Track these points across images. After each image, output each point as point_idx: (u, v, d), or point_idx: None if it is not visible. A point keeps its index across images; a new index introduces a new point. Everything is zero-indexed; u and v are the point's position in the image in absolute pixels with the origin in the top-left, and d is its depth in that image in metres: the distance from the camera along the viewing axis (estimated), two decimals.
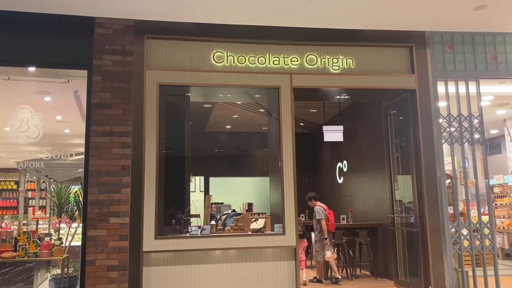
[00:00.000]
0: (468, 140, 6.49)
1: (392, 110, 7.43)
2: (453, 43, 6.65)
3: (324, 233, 7.67)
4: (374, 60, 6.59)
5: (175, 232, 6.21)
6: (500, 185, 10.57)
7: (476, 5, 5.74)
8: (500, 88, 8.00)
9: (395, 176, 7.35)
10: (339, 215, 8.76)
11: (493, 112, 10.40)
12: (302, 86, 6.37)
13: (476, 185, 6.60)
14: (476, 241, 6.31)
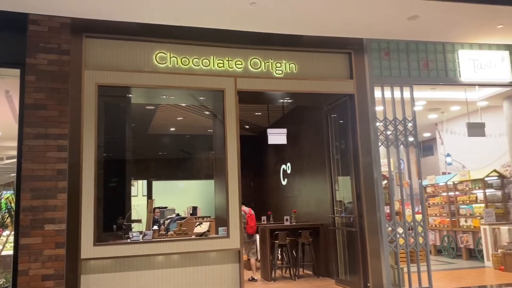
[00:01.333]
0: (403, 142, 6.85)
1: (332, 113, 7.67)
2: (389, 51, 6.99)
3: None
4: (315, 65, 6.78)
5: (116, 238, 6.01)
6: (432, 185, 11.23)
7: (409, 15, 6.07)
8: (431, 94, 8.51)
9: (336, 178, 7.59)
10: (283, 216, 8.89)
11: (425, 117, 11.03)
12: (247, 89, 6.42)
13: (410, 185, 6.96)
14: (410, 239, 6.65)
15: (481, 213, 9.24)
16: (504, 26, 6.62)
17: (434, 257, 10.33)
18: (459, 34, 6.90)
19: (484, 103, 8.94)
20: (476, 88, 8.09)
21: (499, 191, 9.63)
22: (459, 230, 9.89)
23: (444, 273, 8.17)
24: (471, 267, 8.62)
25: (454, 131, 11.34)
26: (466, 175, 10.00)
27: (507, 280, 7.11)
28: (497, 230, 8.57)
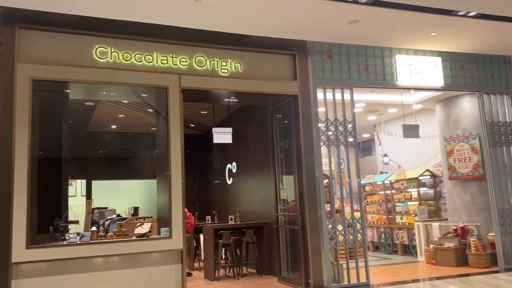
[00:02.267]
0: (343, 143, 7.08)
1: (277, 114, 7.78)
2: (331, 54, 7.20)
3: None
4: (260, 66, 6.84)
5: (52, 240, 5.71)
6: (370, 184, 11.71)
7: (350, 20, 6.29)
8: (371, 96, 8.87)
9: (280, 177, 7.71)
10: (227, 216, 8.89)
11: (365, 118, 11.48)
12: (191, 87, 6.35)
13: (350, 184, 7.21)
14: (349, 236, 6.89)
15: (415, 211, 9.76)
16: (437, 33, 7.04)
17: (372, 253, 10.77)
18: (397, 40, 7.25)
19: (418, 106, 9.45)
20: (412, 92, 8.55)
21: (432, 189, 10.22)
22: (395, 227, 10.38)
23: (381, 268, 8.54)
24: (405, 262, 9.08)
25: (391, 132, 11.89)
26: (402, 175, 10.52)
27: (438, 273, 7.57)
28: (429, 227, 9.10)
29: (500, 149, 8.02)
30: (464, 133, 8.50)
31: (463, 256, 8.11)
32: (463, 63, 8.04)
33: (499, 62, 8.28)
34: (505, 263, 7.63)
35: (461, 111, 8.63)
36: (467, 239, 8.15)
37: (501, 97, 8.19)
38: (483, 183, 8.18)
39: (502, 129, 8.07)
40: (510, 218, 7.80)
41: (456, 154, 8.54)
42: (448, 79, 7.86)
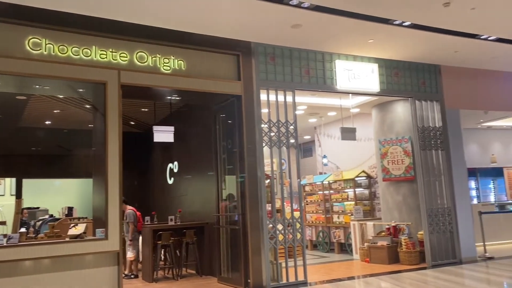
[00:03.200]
0: (285, 144, 7.20)
1: (221, 113, 7.76)
2: (274, 56, 7.30)
3: (130, 235, 8.29)
4: (204, 64, 6.79)
5: None
6: (310, 184, 12.01)
7: (293, 23, 6.42)
8: (312, 99, 9.09)
9: (223, 177, 7.69)
10: (167, 216, 8.73)
11: (306, 120, 11.75)
12: (131, 84, 6.17)
13: (290, 184, 7.35)
14: (289, 235, 7.02)
15: (351, 210, 10.14)
16: (374, 41, 7.36)
17: (310, 251, 11.05)
18: (337, 45, 7.49)
19: (356, 110, 9.83)
20: (350, 96, 8.87)
21: (367, 190, 10.67)
22: (333, 226, 10.72)
23: (318, 266, 8.78)
24: (342, 260, 9.40)
25: (331, 134, 12.27)
26: (340, 175, 10.89)
27: (371, 271, 7.91)
28: (364, 226, 9.49)
29: (429, 152, 8.53)
30: (398, 137, 8.96)
31: (395, 254, 8.54)
32: (398, 70, 8.47)
33: (430, 70, 8.82)
34: (432, 260, 8.12)
35: (395, 116, 9.09)
36: (399, 237, 8.59)
37: (431, 104, 8.71)
38: (414, 184, 8.66)
39: (431, 133, 8.59)
40: (437, 218, 8.32)
41: (389, 157, 8.98)
42: (383, 85, 8.25)
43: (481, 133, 12.26)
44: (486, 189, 14.08)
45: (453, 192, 8.54)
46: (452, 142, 8.74)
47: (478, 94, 9.29)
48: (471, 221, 8.78)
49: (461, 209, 8.59)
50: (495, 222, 10.44)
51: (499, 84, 9.57)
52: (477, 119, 10.66)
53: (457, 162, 8.76)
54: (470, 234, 8.68)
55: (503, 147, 12.65)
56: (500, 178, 13.30)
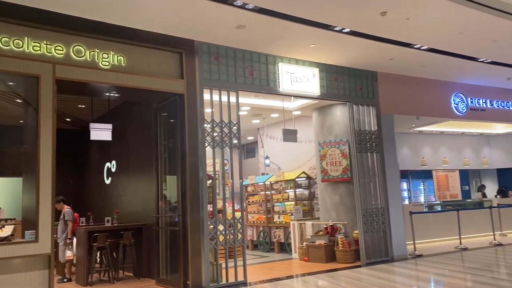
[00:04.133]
0: (228, 144, 7.20)
1: (162, 112, 7.61)
2: (218, 56, 7.28)
3: (69, 234, 7.94)
4: (146, 61, 6.62)
5: None
6: (252, 184, 12.10)
7: (237, 24, 6.44)
8: (255, 101, 9.18)
9: (164, 177, 7.54)
10: (104, 217, 8.41)
11: (250, 121, 11.84)
12: (67, 78, 5.89)
13: (232, 185, 7.36)
14: (230, 236, 7.02)
15: (291, 210, 10.34)
16: (316, 46, 7.57)
17: (251, 251, 11.13)
18: (280, 48, 7.62)
19: (298, 112, 10.05)
20: (292, 99, 9.05)
21: (307, 190, 10.93)
22: (273, 225, 10.87)
23: (258, 266, 8.86)
24: (281, 259, 9.55)
25: (273, 136, 12.45)
26: (281, 176, 11.07)
27: (309, 269, 8.10)
28: (303, 225, 9.71)
29: (365, 155, 8.89)
30: (336, 139, 9.26)
31: (331, 253, 8.82)
32: (337, 75, 8.77)
33: (367, 76, 9.21)
34: (366, 258, 8.48)
35: (334, 119, 9.40)
36: (336, 236, 8.88)
37: (367, 108, 9.10)
38: (350, 185, 9.00)
39: (367, 137, 8.97)
40: (372, 217, 8.70)
41: (328, 158, 9.26)
42: (324, 89, 8.50)
43: (412, 137, 12.99)
44: (416, 190, 14.96)
45: (387, 193, 8.97)
46: (386, 145, 9.19)
47: (411, 100, 9.84)
48: (402, 221, 9.29)
49: (394, 209, 9.06)
50: (424, 222, 11.11)
51: (430, 92, 10.20)
52: (409, 124, 11.28)
53: (391, 164, 9.22)
54: (401, 233, 9.17)
55: (433, 151, 13.49)
56: (429, 180, 14.15)
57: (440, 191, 13.30)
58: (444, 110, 10.37)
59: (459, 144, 13.79)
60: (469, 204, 13.23)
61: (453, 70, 9.61)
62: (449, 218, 10.94)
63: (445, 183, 13.45)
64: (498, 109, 11.26)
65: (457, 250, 9.80)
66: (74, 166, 12.12)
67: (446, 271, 7.65)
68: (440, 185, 13.36)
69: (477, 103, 10.91)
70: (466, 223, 11.04)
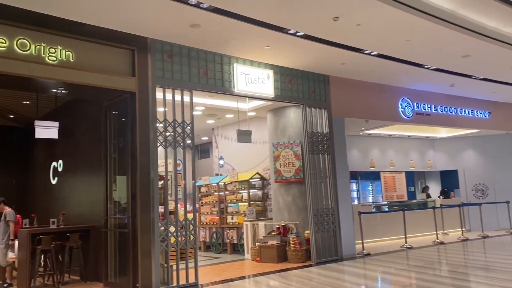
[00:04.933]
0: (180, 144, 7.10)
1: (113, 110, 7.39)
2: (172, 54, 7.16)
3: (11, 235, 7.62)
4: (96, 57, 6.41)
5: None
6: (206, 185, 12.02)
7: (191, 23, 6.37)
8: (210, 101, 9.11)
9: (114, 177, 7.32)
10: (49, 219, 8.04)
11: (204, 121, 11.75)
12: (10, 73, 5.60)
13: (185, 185, 7.27)
14: (182, 237, 6.93)
15: (245, 211, 10.36)
16: (271, 48, 7.64)
17: (204, 253, 11.05)
18: (235, 49, 7.62)
19: (252, 113, 10.09)
20: (247, 100, 9.07)
21: (260, 191, 10.99)
22: (226, 226, 10.85)
23: (210, 267, 8.80)
24: (234, 260, 9.55)
25: (228, 136, 12.43)
26: (235, 177, 11.07)
27: (261, 269, 8.15)
28: (256, 226, 9.75)
29: (317, 156, 9.07)
30: (289, 141, 9.39)
31: (283, 253, 8.92)
32: (291, 77, 8.89)
33: (320, 79, 9.40)
34: (317, 257, 8.64)
35: (288, 121, 9.52)
36: (288, 236, 8.99)
37: (320, 111, 9.29)
38: (302, 186, 9.14)
39: (319, 139, 9.15)
40: (322, 218, 8.88)
41: (282, 159, 9.37)
42: (278, 91, 8.59)
43: (362, 140, 13.40)
44: (365, 191, 15.45)
45: (337, 194, 9.20)
46: (337, 147, 9.42)
47: (361, 104, 10.15)
48: (351, 221, 9.56)
49: (343, 209, 9.30)
50: (372, 222, 11.49)
51: (379, 96, 10.57)
52: (359, 127, 11.62)
53: (341, 165, 9.46)
54: (350, 233, 9.43)
55: (381, 153, 13.97)
56: (377, 181, 14.64)
57: (387, 192, 13.81)
58: (392, 114, 10.78)
59: (405, 147, 14.37)
60: (414, 205, 13.82)
61: (401, 75, 10.01)
62: (396, 218, 11.40)
63: (392, 184, 13.97)
64: (442, 114, 11.85)
65: (403, 249, 10.21)
66: (18, 165, 11.52)
67: (392, 269, 7.95)
68: (388, 186, 13.87)
69: (423, 108, 11.43)
70: (411, 222, 11.55)
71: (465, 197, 14.03)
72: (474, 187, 14.10)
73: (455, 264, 8.32)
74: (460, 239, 11.57)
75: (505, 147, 14.04)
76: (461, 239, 11.52)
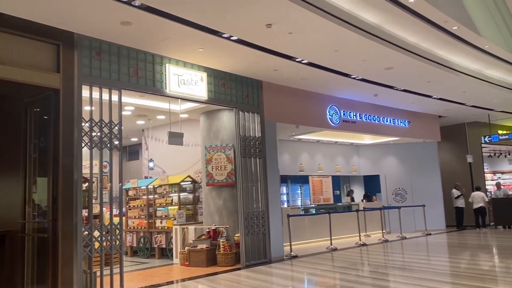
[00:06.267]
0: (107, 145, 6.82)
1: (34, 107, 6.91)
2: (101, 51, 6.88)
3: None
4: (16, 50, 5.97)
5: None
6: (134, 188, 11.65)
7: (122, 20, 6.17)
8: (140, 101, 8.85)
9: (34, 179, 6.85)
10: None
11: (134, 122, 11.40)
12: None
13: (111, 188, 6.99)
14: (107, 242, 6.65)
15: (174, 215, 10.18)
16: (204, 50, 7.60)
17: (130, 258, 10.69)
18: (167, 49, 7.49)
19: (185, 115, 9.97)
20: (179, 101, 8.94)
21: (191, 194, 10.87)
22: (155, 231, 10.59)
23: (137, 273, 8.54)
24: (162, 265, 9.34)
25: (159, 138, 12.16)
26: (165, 180, 10.84)
27: (190, 274, 8.05)
28: (186, 230, 9.63)
29: (249, 160, 9.17)
30: (222, 144, 9.39)
31: (213, 256, 8.88)
32: (225, 81, 8.91)
33: (253, 84, 9.52)
34: (246, 260, 8.72)
35: (221, 124, 9.52)
36: (218, 240, 8.97)
37: (253, 115, 9.40)
38: (234, 189, 9.19)
39: (251, 142, 9.26)
40: (253, 221, 8.98)
41: (214, 163, 9.34)
42: (211, 94, 8.57)
43: (292, 145, 13.77)
44: (295, 194, 15.88)
45: (267, 197, 9.36)
46: (268, 151, 9.59)
47: (292, 110, 10.42)
48: (280, 224, 9.76)
49: (273, 212, 9.48)
50: (300, 224, 11.83)
51: (309, 103, 10.92)
52: (290, 132, 11.93)
53: (272, 169, 9.65)
54: (279, 235, 9.63)
55: (310, 157, 14.44)
56: (306, 185, 15.11)
57: (315, 195, 14.29)
58: (320, 121, 11.19)
59: (332, 152, 14.98)
60: (339, 208, 14.43)
61: (330, 84, 10.43)
62: (322, 220, 11.83)
63: (320, 188, 14.48)
64: (366, 122, 12.51)
65: (328, 250, 10.61)
66: None
67: (318, 270, 8.23)
68: (315, 190, 14.35)
69: (349, 116, 11.99)
70: (337, 225, 12.05)
71: (386, 200, 14.91)
72: (394, 192, 15.03)
73: (376, 265, 8.80)
74: (380, 240, 12.27)
75: (422, 155, 15.13)
76: (381, 241, 12.22)
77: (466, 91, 11.72)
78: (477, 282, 6.40)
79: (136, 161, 15.04)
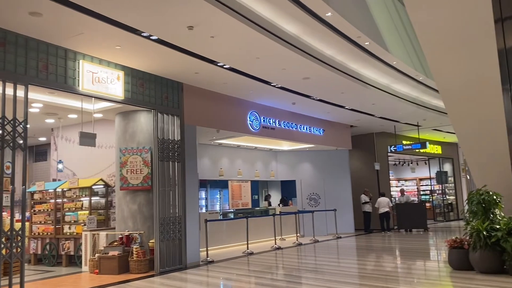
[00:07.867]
0: (10, 145, 6.26)
1: None
2: (5, 42, 6.32)
3: None
4: None
5: None
6: (41, 191, 10.81)
7: (31, 10, 5.72)
8: (50, 98, 8.26)
9: None
10: None
11: (42, 120, 10.61)
12: None
13: (12, 191, 6.42)
14: (6, 250, 6.08)
15: (84, 220, 9.61)
16: (122, 48, 7.31)
17: (34, 266, 9.90)
18: (81, 45, 7.09)
19: (99, 115, 9.48)
20: (93, 100, 8.49)
21: (104, 199, 10.35)
22: (63, 237, 9.91)
23: (41, 282, 7.91)
24: (69, 273, 8.74)
25: (69, 138, 11.44)
26: (76, 183, 10.21)
27: (99, 282, 7.63)
28: (97, 236, 9.13)
29: (167, 164, 8.96)
30: (139, 147, 9.08)
31: (125, 263, 8.52)
32: (144, 81, 8.64)
33: (173, 86, 9.34)
34: (160, 267, 8.48)
35: (138, 126, 9.21)
36: (131, 246, 8.62)
37: (172, 117, 9.21)
38: (150, 194, 8.91)
39: (170, 146, 9.07)
40: (169, 226, 8.77)
41: (129, 166, 8.99)
42: (128, 94, 8.25)
43: (213, 149, 13.72)
44: (214, 198, 15.82)
45: (185, 202, 9.21)
46: (187, 155, 9.46)
47: (213, 114, 10.39)
48: (197, 229, 9.66)
49: (190, 217, 9.35)
50: (218, 229, 11.80)
51: (230, 108, 10.98)
52: (210, 136, 11.87)
53: (191, 173, 9.53)
54: (196, 241, 9.51)
55: (230, 162, 14.49)
56: (226, 189, 15.14)
57: (233, 199, 14.36)
58: (241, 126, 11.29)
59: (252, 157, 15.19)
60: (257, 212, 14.64)
61: (250, 90, 10.57)
62: (240, 225, 11.91)
63: (239, 192, 14.60)
64: (284, 128, 12.87)
65: (244, 254, 10.70)
66: None
67: (233, 275, 8.25)
68: (234, 194, 14.43)
69: (268, 122, 12.25)
70: (254, 229, 12.22)
71: (301, 205, 15.43)
72: (308, 196, 15.61)
73: (290, 268, 9.05)
74: (295, 244, 12.65)
75: (335, 161, 15.91)
76: (296, 244, 12.60)
77: (375, 103, 12.56)
78: (381, 282, 6.84)
79: (44, 163, 14.02)
